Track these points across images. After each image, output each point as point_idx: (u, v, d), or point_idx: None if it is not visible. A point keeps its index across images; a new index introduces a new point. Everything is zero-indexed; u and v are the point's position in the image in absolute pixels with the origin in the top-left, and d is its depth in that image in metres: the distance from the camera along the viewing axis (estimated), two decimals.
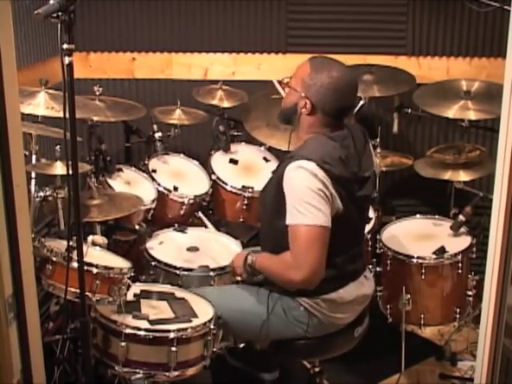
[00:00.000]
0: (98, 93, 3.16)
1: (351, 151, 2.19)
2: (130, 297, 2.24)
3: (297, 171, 2.10)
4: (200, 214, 2.87)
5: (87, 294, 2.00)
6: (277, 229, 2.22)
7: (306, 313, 2.26)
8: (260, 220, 2.47)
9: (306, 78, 2.19)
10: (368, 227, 2.85)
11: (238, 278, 2.45)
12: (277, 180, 2.20)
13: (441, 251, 2.83)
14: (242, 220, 3.15)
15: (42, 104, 2.56)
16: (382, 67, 3.46)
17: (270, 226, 2.30)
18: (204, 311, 2.24)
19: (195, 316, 2.21)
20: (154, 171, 3.16)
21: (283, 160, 2.26)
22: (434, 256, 2.82)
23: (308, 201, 2.08)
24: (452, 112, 3.08)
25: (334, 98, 2.16)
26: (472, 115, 3.07)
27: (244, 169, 3.32)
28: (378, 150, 3.32)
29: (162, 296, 2.34)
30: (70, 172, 1.82)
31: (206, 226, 2.84)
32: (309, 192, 2.08)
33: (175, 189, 3.08)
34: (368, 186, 2.24)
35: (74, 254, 1.92)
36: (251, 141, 3.43)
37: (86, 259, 1.95)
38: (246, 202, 3.10)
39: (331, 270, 2.19)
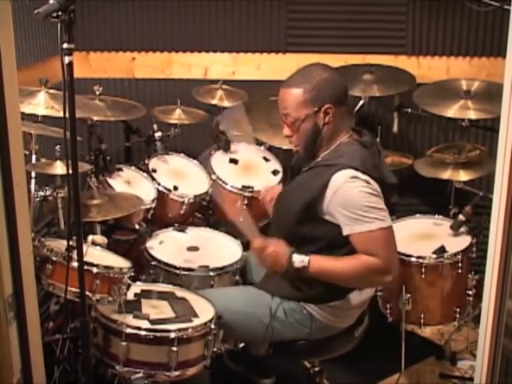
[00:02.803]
0: (97, 92, 3.16)
1: (377, 158, 2.20)
2: (130, 296, 2.24)
3: (352, 182, 2.08)
4: None
5: (87, 293, 2.00)
6: (300, 236, 2.20)
7: (309, 317, 2.26)
8: (275, 220, 2.41)
9: (304, 97, 2.14)
10: None
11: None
12: (311, 187, 2.14)
13: (441, 251, 2.83)
14: (242, 220, 3.14)
15: (42, 104, 2.55)
16: (382, 67, 3.46)
17: (293, 233, 2.22)
18: (205, 311, 2.24)
19: (196, 316, 2.21)
20: (154, 171, 3.15)
21: (314, 166, 2.21)
22: (434, 255, 2.82)
23: (374, 205, 2.08)
24: (452, 112, 3.09)
25: (338, 85, 2.18)
26: (472, 115, 3.07)
27: (244, 168, 3.31)
28: None
29: (162, 296, 2.34)
30: (70, 172, 1.82)
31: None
32: (372, 197, 2.08)
33: (175, 188, 3.08)
34: (395, 194, 2.27)
35: (74, 254, 1.92)
36: None
37: (86, 259, 1.95)
38: (245, 201, 3.09)
39: None
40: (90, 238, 2.26)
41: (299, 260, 2.12)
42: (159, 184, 3.07)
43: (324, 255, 2.16)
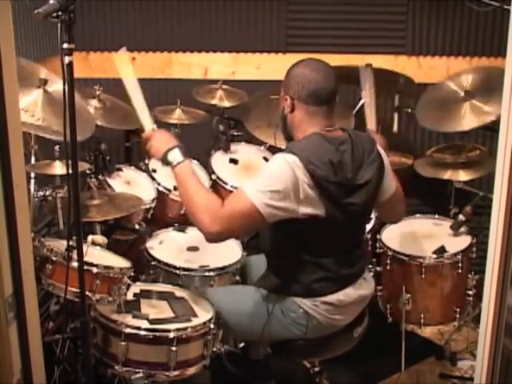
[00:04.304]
0: (98, 92, 3.16)
1: (346, 157, 2.16)
2: (129, 296, 2.24)
3: (278, 158, 2.11)
4: None
5: (87, 293, 2.00)
6: (276, 230, 2.22)
7: (304, 315, 2.26)
8: None
9: (284, 80, 2.26)
10: (368, 227, 2.84)
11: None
12: None
13: (441, 251, 2.83)
14: None
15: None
16: (381, 71, 3.43)
17: (270, 227, 2.27)
18: (204, 311, 2.24)
19: (195, 315, 2.21)
20: (154, 171, 3.16)
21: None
22: (434, 256, 2.82)
23: (266, 183, 2.06)
24: (454, 126, 3.06)
25: (306, 84, 2.18)
26: (485, 120, 3.02)
27: (244, 168, 3.31)
28: None
29: (161, 295, 2.34)
30: (70, 172, 1.82)
31: None
32: (273, 179, 2.07)
33: (175, 188, 3.07)
34: (360, 194, 2.19)
35: (74, 254, 1.92)
36: (251, 140, 3.43)
37: (86, 259, 1.95)
38: None
39: (320, 272, 2.21)
40: (90, 238, 2.26)
41: (173, 156, 2.16)
42: (159, 184, 3.07)
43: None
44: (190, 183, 2.13)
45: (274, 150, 3.34)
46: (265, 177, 2.10)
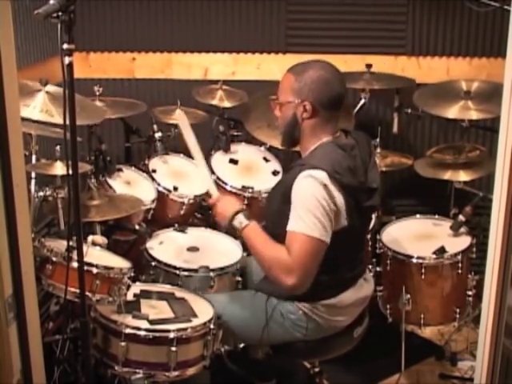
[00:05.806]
0: (97, 93, 3.17)
1: (358, 161, 2.18)
2: (129, 297, 2.24)
3: (306, 180, 2.08)
4: None
5: (87, 293, 2.00)
6: (281, 235, 2.21)
7: (304, 317, 2.26)
8: (265, 222, 2.42)
9: (293, 84, 2.18)
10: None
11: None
12: (285, 186, 2.17)
13: (441, 251, 2.83)
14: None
15: (39, 107, 2.50)
16: (381, 74, 3.44)
17: (275, 230, 2.25)
18: (204, 311, 2.24)
19: (195, 316, 2.21)
20: (154, 171, 3.15)
21: (292, 167, 2.23)
22: (434, 256, 2.82)
23: (313, 211, 2.06)
24: (452, 112, 3.08)
25: (328, 88, 2.16)
26: (473, 115, 3.06)
27: (244, 169, 3.31)
28: (378, 150, 3.32)
29: (161, 296, 2.34)
30: (70, 172, 1.82)
31: None
32: (315, 202, 2.06)
33: (175, 189, 3.07)
34: (375, 197, 2.23)
35: (74, 254, 1.92)
36: (251, 141, 3.43)
37: (86, 259, 1.95)
38: (245, 202, 3.09)
39: (332, 278, 2.20)
40: (90, 238, 2.26)
41: (239, 221, 2.22)
42: (159, 184, 3.07)
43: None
44: (257, 244, 2.18)
45: (274, 150, 3.36)
46: (304, 206, 2.07)
